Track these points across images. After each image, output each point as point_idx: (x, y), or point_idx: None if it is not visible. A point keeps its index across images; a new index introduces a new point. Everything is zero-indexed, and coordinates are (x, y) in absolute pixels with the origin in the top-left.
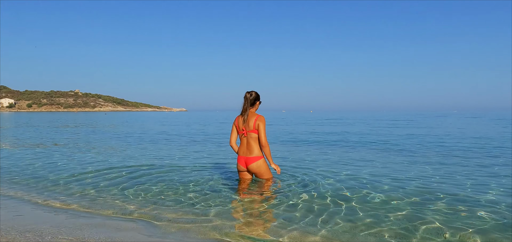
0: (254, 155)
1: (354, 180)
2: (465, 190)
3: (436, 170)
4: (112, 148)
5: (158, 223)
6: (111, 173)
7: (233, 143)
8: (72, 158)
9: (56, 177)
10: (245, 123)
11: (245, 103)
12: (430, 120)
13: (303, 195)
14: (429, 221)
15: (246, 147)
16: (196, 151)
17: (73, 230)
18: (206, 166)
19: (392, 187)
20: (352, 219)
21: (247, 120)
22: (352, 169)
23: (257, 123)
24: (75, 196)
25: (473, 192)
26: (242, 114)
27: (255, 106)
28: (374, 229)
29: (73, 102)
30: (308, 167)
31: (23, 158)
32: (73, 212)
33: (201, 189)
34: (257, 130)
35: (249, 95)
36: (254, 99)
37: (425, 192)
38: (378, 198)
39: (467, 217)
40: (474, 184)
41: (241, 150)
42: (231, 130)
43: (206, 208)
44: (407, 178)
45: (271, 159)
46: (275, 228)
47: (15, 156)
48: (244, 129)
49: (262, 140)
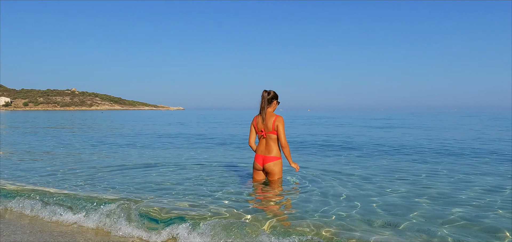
0: (272, 155)
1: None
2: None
3: (445, 166)
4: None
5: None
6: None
7: (252, 143)
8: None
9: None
10: (264, 124)
11: (262, 101)
12: (429, 119)
13: (315, 191)
14: (449, 216)
15: (265, 147)
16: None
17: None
18: (230, 166)
19: (409, 189)
20: (367, 214)
21: (266, 121)
22: (363, 170)
23: (276, 124)
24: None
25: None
26: (260, 113)
27: (272, 106)
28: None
29: (69, 100)
30: (321, 168)
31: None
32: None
33: (214, 188)
34: (276, 131)
35: (267, 93)
36: (272, 98)
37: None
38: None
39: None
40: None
41: (259, 149)
42: (250, 130)
43: (219, 200)
44: (421, 178)
45: (290, 159)
46: (293, 219)
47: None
48: (263, 130)
49: (282, 141)
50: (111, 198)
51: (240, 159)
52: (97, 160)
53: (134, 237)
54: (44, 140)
